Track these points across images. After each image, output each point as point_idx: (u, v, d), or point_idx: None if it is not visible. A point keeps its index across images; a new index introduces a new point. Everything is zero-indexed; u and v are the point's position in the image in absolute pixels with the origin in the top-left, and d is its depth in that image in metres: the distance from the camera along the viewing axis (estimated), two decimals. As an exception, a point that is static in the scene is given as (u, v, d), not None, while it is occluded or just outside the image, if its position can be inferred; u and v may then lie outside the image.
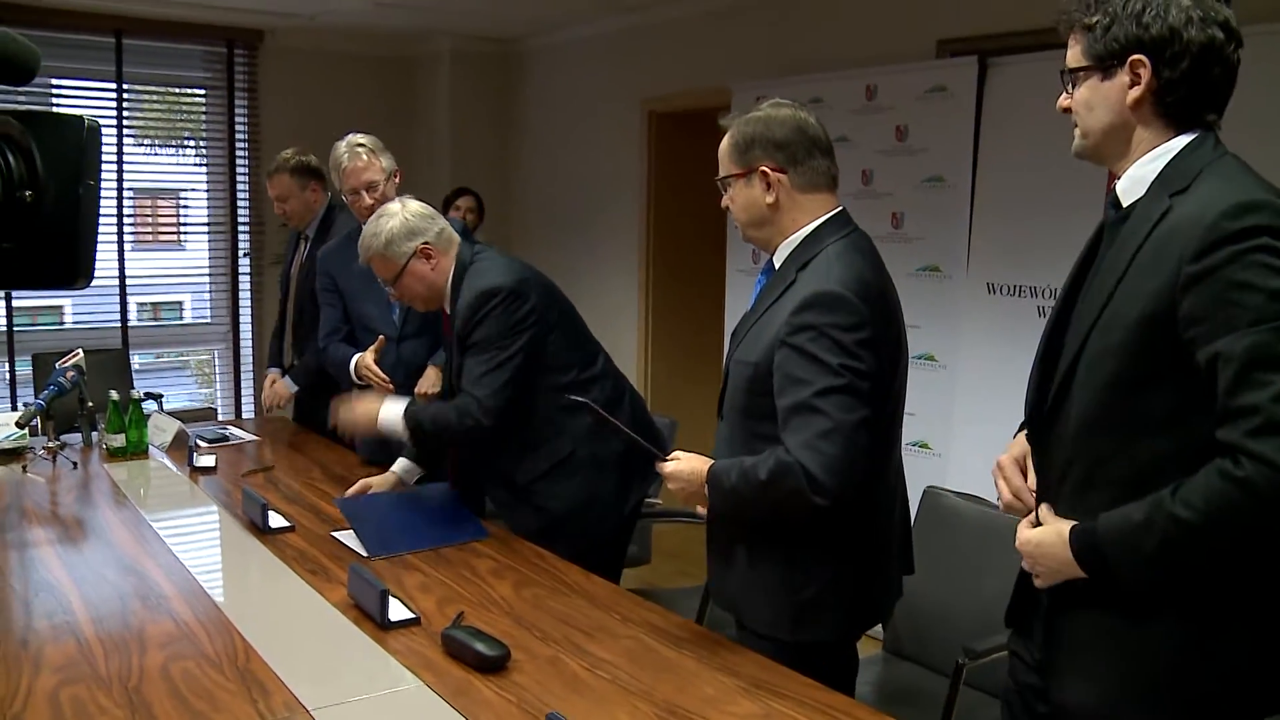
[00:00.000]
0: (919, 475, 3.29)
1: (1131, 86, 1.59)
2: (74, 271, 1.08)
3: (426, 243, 2.82)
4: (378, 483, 3.04)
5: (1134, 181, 1.64)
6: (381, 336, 3.40)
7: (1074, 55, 1.67)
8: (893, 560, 2.24)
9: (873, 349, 1.99)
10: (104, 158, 4.17)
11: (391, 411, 2.91)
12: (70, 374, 3.44)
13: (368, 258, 2.90)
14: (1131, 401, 1.57)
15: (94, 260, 1.10)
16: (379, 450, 3.55)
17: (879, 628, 2.96)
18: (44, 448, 3.46)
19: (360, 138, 3.54)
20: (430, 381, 3.43)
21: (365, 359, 3.39)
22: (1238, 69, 1.60)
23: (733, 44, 5.29)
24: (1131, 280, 1.56)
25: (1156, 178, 1.60)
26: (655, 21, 5.72)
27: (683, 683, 1.95)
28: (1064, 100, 1.70)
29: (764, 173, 2.12)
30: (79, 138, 1.05)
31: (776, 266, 2.17)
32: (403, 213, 2.85)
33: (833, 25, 4.79)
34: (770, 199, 2.13)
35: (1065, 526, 1.63)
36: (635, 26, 5.87)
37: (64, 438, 3.59)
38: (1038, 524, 1.71)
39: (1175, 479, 1.49)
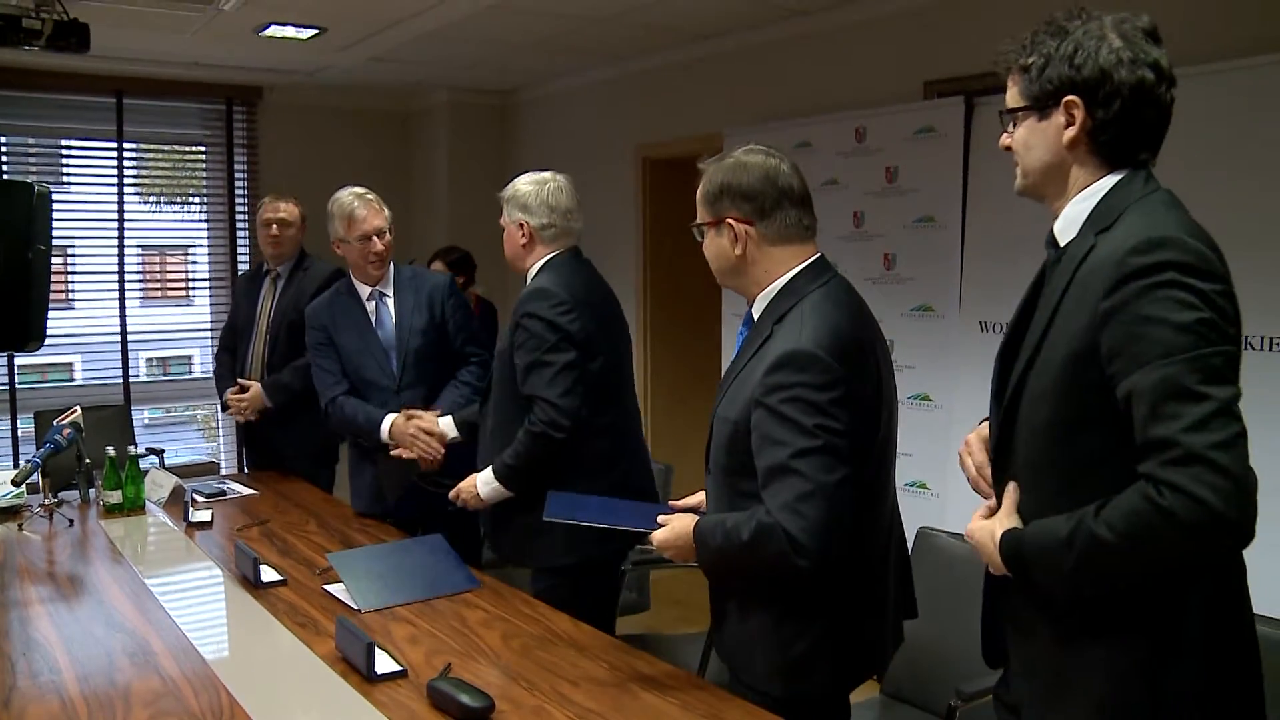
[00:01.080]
0: (916, 515, 3.28)
1: (1067, 126, 1.63)
2: (25, 334, 1.09)
3: (527, 222, 2.99)
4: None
5: (1068, 221, 1.67)
6: (434, 413, 3.43)
7: (1012, 96, 1.71)
8: (888, 609, 2.20)
9: (848, 406, 1.96)
10: (106, 215, 4.27)
11: (484, 480, 2.96)
12: (67, 431, 3.45)
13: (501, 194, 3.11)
14: (1068, 443, 1.59)
15: (45, 322, 1.12)
16: (374, 503, 3.56)
17: (878, 670, 2.95)
18: (41, 505, 3.47)
19: (361, 189, 3.62)
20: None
21: (416, 426, 3.39)
22: (1171, 108, 1.63)
23: (724, 90, 5.34)
24: (1060, 320, 1.59)
25: (1087, 217, 1.63)
26: (647, 69, 5.79)
27: (668, 731, 1.94)
28: (1005, 139, 1.74)
29: (730, 224, 2.11)
30: (28, 203, 1.07)
31: (755, 318, 2.16)
32: (541, 188, 3.03)
33: (821, 70, 4.83)
34: (738, 250, 2.11)
35: (1000, 530, 1.64)
36: (628, 75, 5.94)
37: (61, 495, 3.60)
38: (995, 511, 1.72)
39: None
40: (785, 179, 2.13)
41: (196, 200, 6.65)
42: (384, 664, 2.19)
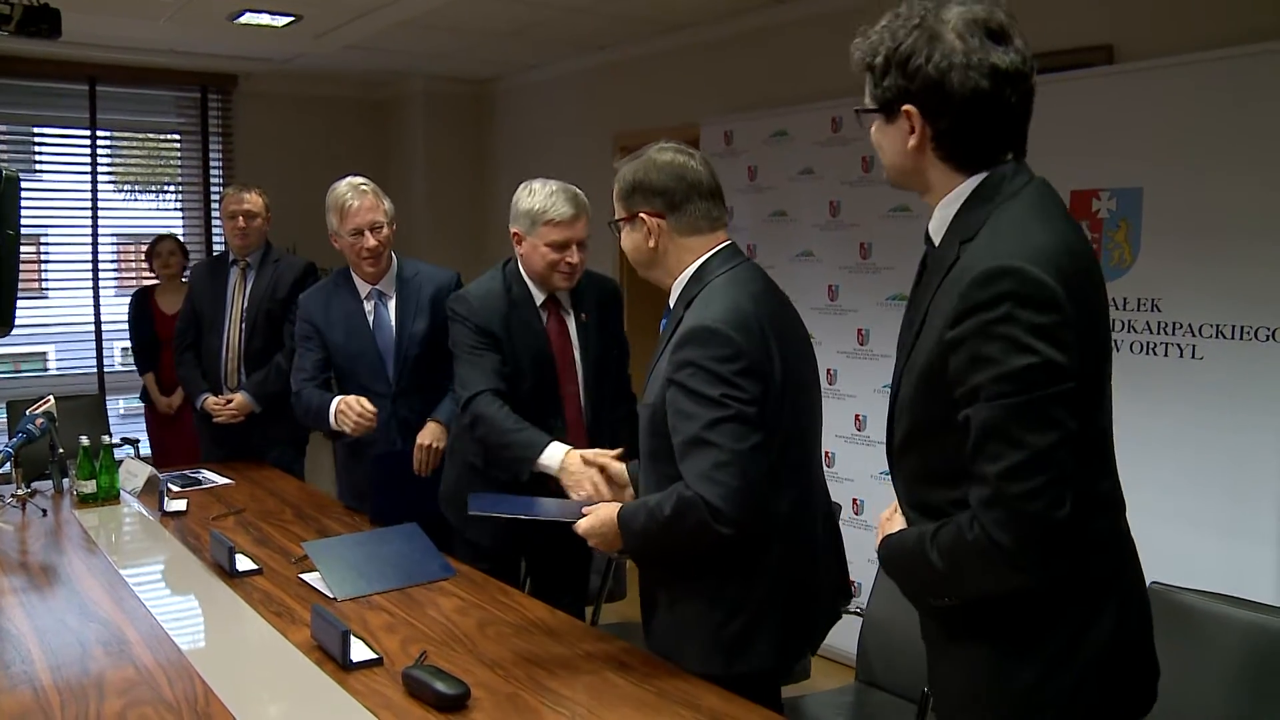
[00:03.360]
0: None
1: (910, 134, 1.61)
2: (-8, 320, 1.09)
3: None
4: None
5: (940, 222, 1.66)
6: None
7: (867, 95, 1.68)
8: (820, 588, 2.26)
9: (754, 377, 2.04)
10: (79, 204, 4.18)
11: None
12: (40, 421, 3.42)
13: None
14: (930, 443, 1.64)
15: (14, 309, 1.11)
16: (361, 500, 3.51)
17: (853, 656, 2.97)
18: (13, 495, 3.45)
19: (360, 179, 3.44)
20: (433, 435, 3.32)
21: (353, 400, 3.26)
22: (1021, 104, 1.58)
23: (700, 80, 5.34)
24: (924, 333, 1.61)
25: (950, 225, 1.62)
26: (624, 59, 5.79)
27: (643, 717, 1.95)
28: (872, 132, 1.72)
29: (643, 218, 2.20)
30: (-5, 188, 1.06)
31: (671, 307, 2.25)
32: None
33: (797, 59, 4.84)
34: (651, 243, 2.22)
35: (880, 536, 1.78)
36: (605, 65, 5.93)
37: (35, 485, 3.58)
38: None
39: None
40: (694, 173, 2.21)
41: (171, 189, 6.60)
42: (360, 652, 2.20)
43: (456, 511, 3.06)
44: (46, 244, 6.23)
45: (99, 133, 6.21)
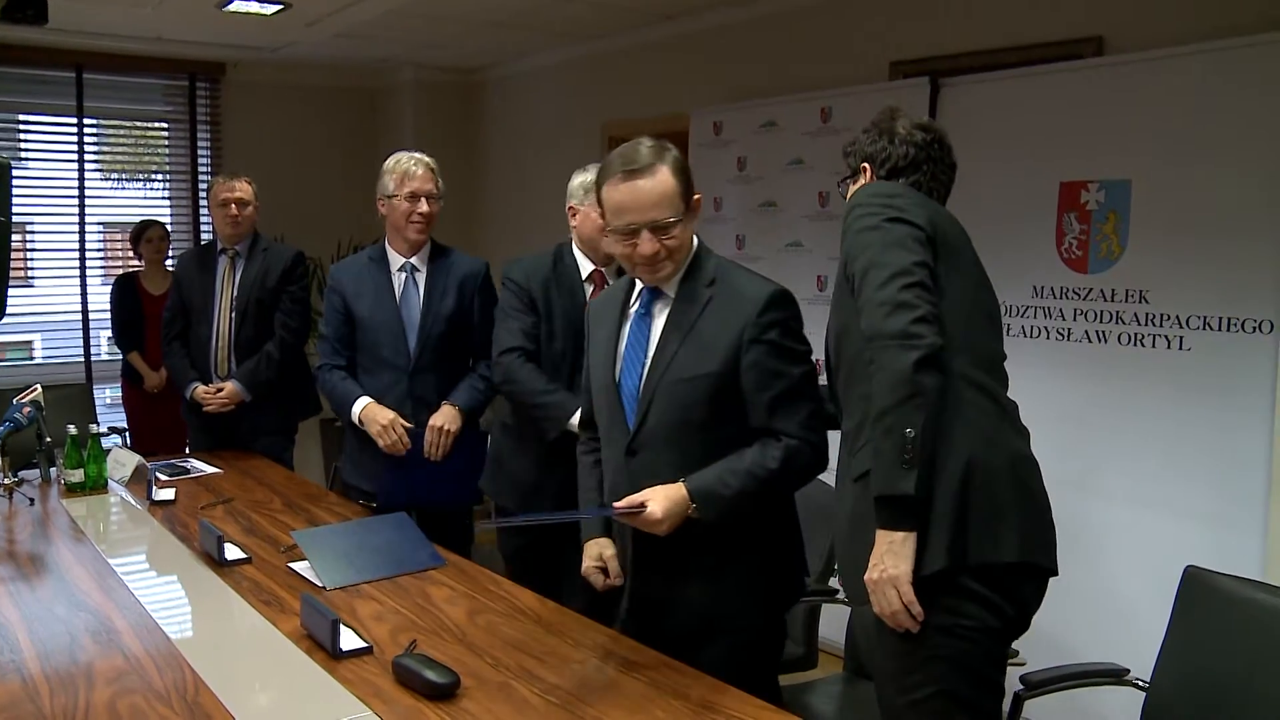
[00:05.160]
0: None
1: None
2: (-16, 307, 1.09)
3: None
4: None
5: None
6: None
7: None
8: None
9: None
10: (66, 192, 4.13)
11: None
12: (27, 410, 3.41)
13: None
14: (839, 348, 2.20)
15: (5, 295, 1.11)
16: (373, 481, 3.50)
17: (841, 646, 2.98)
18: (0, 484, 3.43)
19: (419, 154, 3.59)
20: (447, 418, 3.34)
21: (397, 425, 3.32)
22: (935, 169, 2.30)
23: (690, 70, 5.34)
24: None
25: None
26: (614, 49, 5.78)
27: (633, 706, 1.96)
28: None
29: (699, 198, 2.28)
30: (-14, 174, 1.06)
31: (671, 293, 2.27)
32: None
33: (788, 50, 4.84)
34: (694, 225, 2.30)
35: None
36: (595, 54, 5.92)
37: (22, 474, 3.56)
38: None
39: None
40: None
41: (159, 177, 6.58)
42: (349, 641, 2.20)
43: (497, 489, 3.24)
44: (32, 232, 6.20)
45: (86, 120, 6.18)
